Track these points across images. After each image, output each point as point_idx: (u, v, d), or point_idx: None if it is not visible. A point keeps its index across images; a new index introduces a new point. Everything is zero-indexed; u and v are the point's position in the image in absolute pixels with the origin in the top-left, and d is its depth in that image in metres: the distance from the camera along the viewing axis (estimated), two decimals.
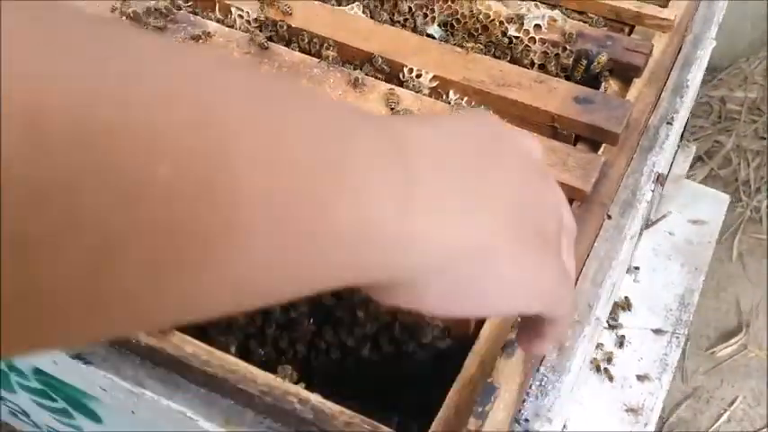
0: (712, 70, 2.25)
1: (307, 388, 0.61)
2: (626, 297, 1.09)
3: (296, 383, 0.61)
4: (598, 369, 0.98)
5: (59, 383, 0.81)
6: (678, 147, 1.16)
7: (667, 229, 1.20)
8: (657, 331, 1.09)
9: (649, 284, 1.13)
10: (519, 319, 0.53)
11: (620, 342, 1.03)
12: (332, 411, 0.58)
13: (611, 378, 0.98)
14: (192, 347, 0.63)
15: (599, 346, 1.02)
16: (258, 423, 0.61)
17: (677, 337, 1.09)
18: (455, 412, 0.59)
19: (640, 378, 1.01)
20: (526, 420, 0.61)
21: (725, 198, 1.25)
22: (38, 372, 0.83)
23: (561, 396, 0.62)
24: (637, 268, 1.11)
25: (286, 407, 0.59)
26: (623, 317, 1.09)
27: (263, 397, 0.60)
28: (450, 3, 0.87)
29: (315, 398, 0.59)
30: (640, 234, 1.11)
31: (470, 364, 0.61)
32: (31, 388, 0.89)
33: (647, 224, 1.11)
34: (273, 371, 0.62)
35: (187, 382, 0.64)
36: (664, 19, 0.85)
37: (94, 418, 0.84)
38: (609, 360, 0.98)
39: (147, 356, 0.65)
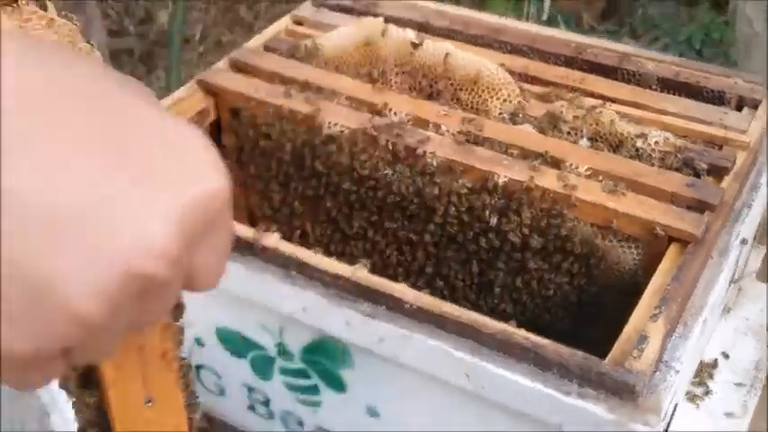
0: None
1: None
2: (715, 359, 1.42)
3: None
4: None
5: (322, 358, 1.18)
6: (751, 248, 1.53)
7: (744, 316, 1.55)
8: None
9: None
10: None
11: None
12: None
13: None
14: (448, 308, 1.01)
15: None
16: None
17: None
18: (620, 351, 0.95)
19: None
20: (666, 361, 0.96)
21: None
22: (307, 351, 1.20)
23: (687, 350, 0.98)
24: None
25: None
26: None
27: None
28: (595, 125, 1.29)
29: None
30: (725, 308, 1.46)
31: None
32: (290, 369, 1.25)
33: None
34: None
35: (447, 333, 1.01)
36: (743, 141, 1.26)
37: (340, 388, 1.20)
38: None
39: (413, 316, 1.03)
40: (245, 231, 1.11)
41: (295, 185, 1.33)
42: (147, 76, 3.81)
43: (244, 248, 1.10)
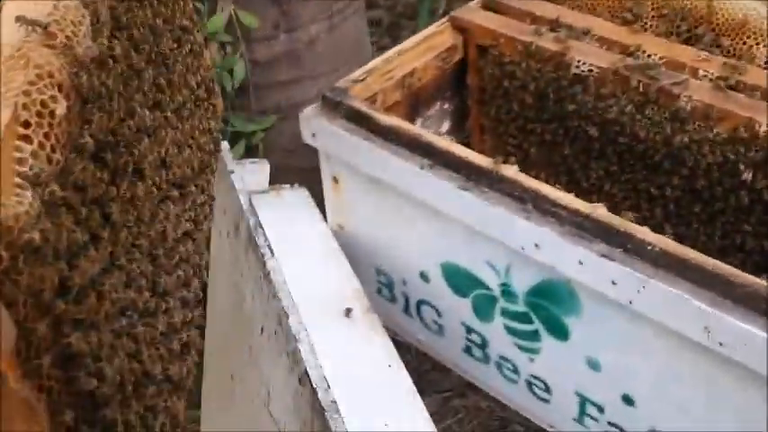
0: None
1: None
2: None
3: None
4: None
5: (547, 302, 1.16)
6: None
7: None
8: None
9: None
10: None
11: None
12: None
13: None
14: (693, 254, 0.95)
15: None
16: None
17: None
18: None
19: None
20: None
21: None
22: (532, 293, 1.18)
23: None
24: None
25: None
26: None
27: None
28: None
29: None
30: None
31: None
32: (511, 312, 1.24)
33: None
34: None
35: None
36: None
37: (562, 335, 1.17)
38: None
39: (653, 260, 0.97)
40: (482, 160, 1.11)
41: (534, 129, 1.31)
42: (393, 44, 3.93)
43: (479, 177, 1.10)
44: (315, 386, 0.96)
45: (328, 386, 0.96)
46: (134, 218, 0.87)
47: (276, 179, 1.69)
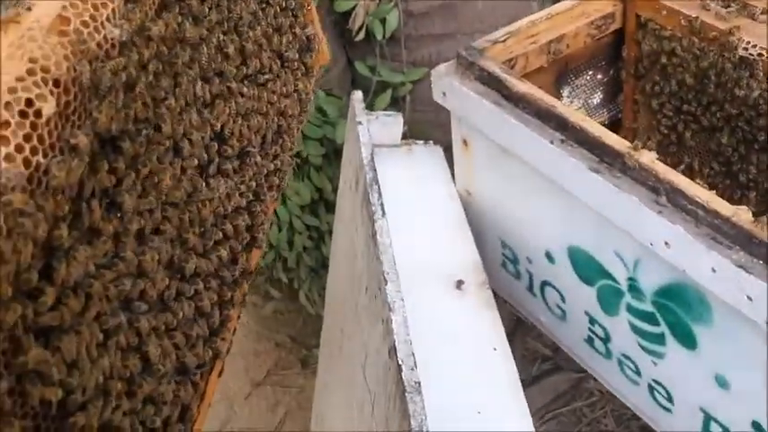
0: None
1: None
2: None
3: None
4: None
5: (675, 305, 1.04)
6: None
7: None
8: None
9: None
10: None
11: None
12: None
13: None
14: None
15: None
16: None
17: None
18: None
19: None
20: None
21: None
22: (660, 294, 1.07)
23: None
24: None
25: None
26: None
27: None
28: None
29: None
30: None
31: None
32: (637, 310, 1.13)
33: None
34: None
35: None
36: None
37: (689, 344, 1.05)
38: None
39: None
40: (617, 142, 1.00)
41: (691, 112, 1.17)
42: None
43: (613, 160, 0.99)
44: (400, 362, 0.91)
45: (415, 365, 0.91)
46: (159, 202, 0.83)
47: (422, 135, 1.64)
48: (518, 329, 2.23)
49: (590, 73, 1.34)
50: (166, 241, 0.85)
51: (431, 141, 1.46)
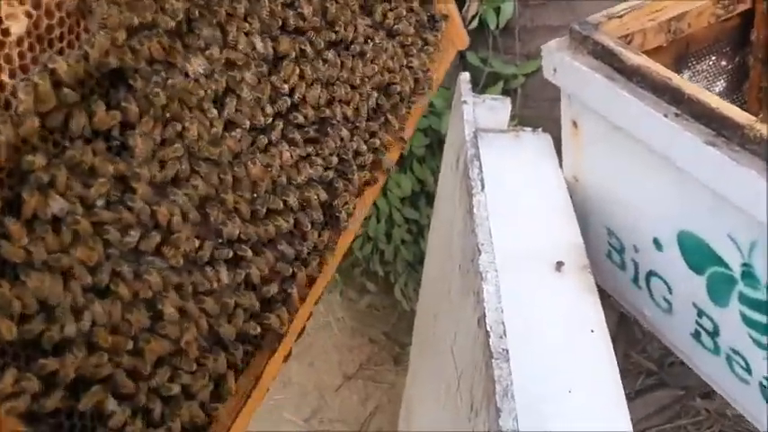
0: None
1: None
2: None
3: None
4: None
5: None
6: None
7: None
8: None
9: None
10: None
11: None
12: None
13: None
14: None
15: None
16: None
17: None
18: None
19: None
20: None
21: None
22: None
23: None
24: None
25: None
26: None
27: None
28: None
29: None
30: None
31: None
32: (750, 299, 1.06)
33: None
34: None
35: None
36: None
37: None
38: None
39: None
40: (737, 113, 0.95)
41: None
42: None
43: (731, 133, 0.94)
44: (489, 329, 0.89)
45: (504, 333, 0.88)
46: (186, 154, 0.78)
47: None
48: (620, 341, 2.15)
49: (713, 58, 1.29)
50: (195, 198, 0.80)
51: (539, 129, 1.43)
